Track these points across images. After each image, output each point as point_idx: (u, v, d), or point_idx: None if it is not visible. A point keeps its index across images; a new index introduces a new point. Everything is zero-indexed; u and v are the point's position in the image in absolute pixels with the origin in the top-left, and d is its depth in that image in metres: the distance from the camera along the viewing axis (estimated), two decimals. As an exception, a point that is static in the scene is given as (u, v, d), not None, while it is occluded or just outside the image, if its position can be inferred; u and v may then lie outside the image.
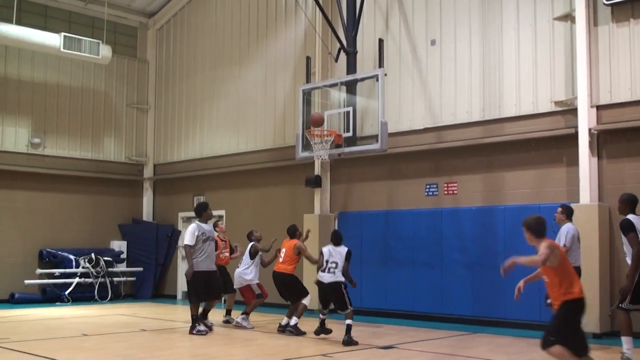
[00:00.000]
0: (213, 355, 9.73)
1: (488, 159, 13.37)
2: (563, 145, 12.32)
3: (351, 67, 13.81)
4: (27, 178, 18.25)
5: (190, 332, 11.24)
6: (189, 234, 11.28)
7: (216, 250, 12.25)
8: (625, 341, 8.27)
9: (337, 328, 10.96)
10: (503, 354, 9.64)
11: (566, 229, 9.94)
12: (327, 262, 10.84)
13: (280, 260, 11.96)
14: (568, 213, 10.21)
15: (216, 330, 11.91)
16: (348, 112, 13.22)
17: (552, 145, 12.48)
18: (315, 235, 15.35)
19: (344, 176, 15.72)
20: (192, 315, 11.37)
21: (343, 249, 10.94)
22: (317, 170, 15.73)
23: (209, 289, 11.42)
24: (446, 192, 13.93)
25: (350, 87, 13.51)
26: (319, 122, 12.77)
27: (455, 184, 13.80)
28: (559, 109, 12.38)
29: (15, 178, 18.05)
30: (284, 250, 12.01)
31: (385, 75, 12.80)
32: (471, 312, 13.09)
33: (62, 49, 17.49)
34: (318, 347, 10.26)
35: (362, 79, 13.33)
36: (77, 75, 19.47)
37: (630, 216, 8.66)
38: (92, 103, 19.78)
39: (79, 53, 17.81)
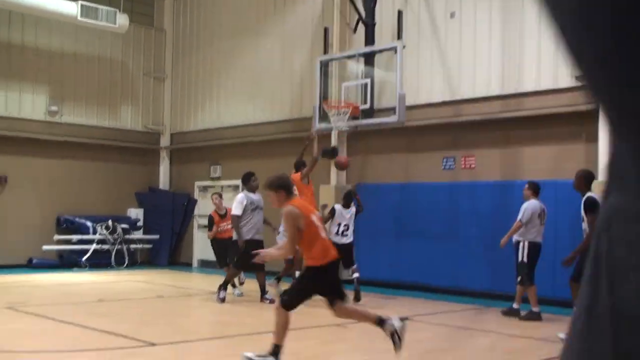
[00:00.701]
0: (227, 322, 9.83)
1: (506, 133, 13.29)
2: (583, 122, 12.19)
3: (369, 39, 13.72)
4: (45, 145, 18.36)
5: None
6: (236, 204, 11.44)
7: (214, 225, 12.37)
8: None
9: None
10: (516, 327, 9.66)
11: (525, 205, 10.38)
12: (339, 225, 11.77)
13: None
14: (534, 189, 10.53)
15: (233, 299, 11.97)
16: (365, 84, 13.15)
17: (571, 121, 12.37)
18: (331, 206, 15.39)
19: (360, 148, 15.69)
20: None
21: (352, 210, 12.02)
22: (333, 142, 15.69)
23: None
24: (463, 166, 13.89)
25: (368, 59, 13.43)
26: (344, 166, 12.80)
27: (473, 158, 13.75)
28: (579, 84, 12.23)
29: (33, 145, 18.16)
30: None
31: (404, 47, 12.69)
32: (485, 286, 13.09)
33: (79, 18, 17.45)
34: (332, 317, 10.31)
35: (380, 51, 13.25)
36: (94, 44, 19.47)
37: (592, 194, 8.73)
38: (109, 72, 19.81)
39: (95, 22, 17.79)
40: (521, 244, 10.47)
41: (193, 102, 20.24)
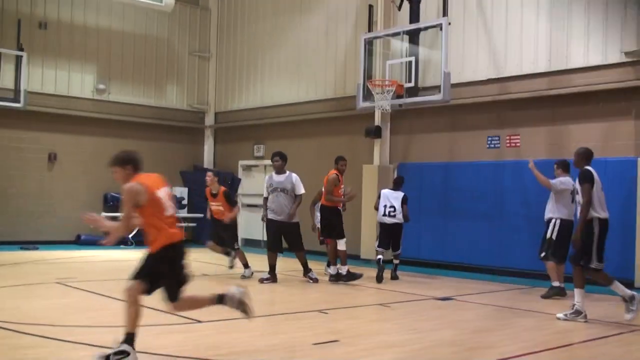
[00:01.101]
0: (270, 300, 9.92)
1: (553, 111, 13.06)
2: (632, 98, 11.94)
3: (414, 16, 13.56)
4: (92, 123, 18.66)
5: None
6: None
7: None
8: (578, 293, 8.31)
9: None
10: (562, 307, 9.54)
11: (556, 180, 10.46)
12: (385, 206, 12.23)
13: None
14: (564, 167, 10.57)
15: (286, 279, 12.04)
16: (410, 62, 13.00)
17: (620, 97, 12.11)
18: (374, 186, 15.37)
19: (404, 127, 15.59)
20: (302, 264, 11.95)
21: (399, 194, 12.32)
22: (377, 121, 15.62)
23: (276, 239, 11.65)
24: (508, 145, 13.70)
25: (413, 37, 13.28)
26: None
27: (518, 137, 13.55)
28: (629, 59, 11.95)
29: (81, 123, 18.49)
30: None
31: (450, 24, 12.51)
32: (531, 265, 12.92)
33: (126, -4, 17.69)
34: (376, 297, 10.35)
35: (426, 28, 13.08)
36: (141, 23, 19.66)
37: (588, 167, 8.61)
38: (155, 51, 20.00)
39: (143, 0, 17.97)
40: (553, 221, 10.43)
41: (237, 81, 20.30)
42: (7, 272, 11.99)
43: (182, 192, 20.16)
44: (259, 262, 12.93)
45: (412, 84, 12.91)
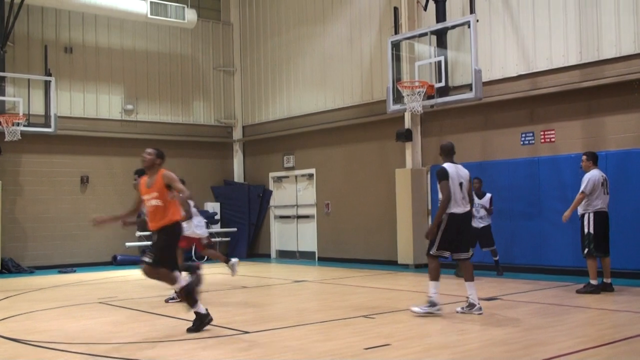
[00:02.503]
0: (313, 309, 9.82)
1: (587, 103, 12.85)
2: (669, 85, 11.71)
3: (440, 15, 13.46)
4: (122, 144, 18.77)
5: None
6: None
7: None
8: (432, 285, 8.50)
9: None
10: (611, 302, 9.35)
11: (588, 176, 10.30)
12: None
13: None
14: (594, 159, 10.52)
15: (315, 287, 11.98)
16: (439, 62, 12.87)
17: (657, 85, 11.89)
18: (408, 190, 15.25)
19: (435, 128, 15.45)
20: None
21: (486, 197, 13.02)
22: (407, 124, 15.50)
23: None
24: (543, 140, 13.50)
25: (440, 37, 13.16)
26: None
27: (553, 132, 13.35)
28: (664, 46, 11.73)
29: (111, 144, 18.60)
30: None
31: (477, 21, 12.37)
32: (572, 262, 12.70)
33: (149, 15, 17.84)
34: (419, 300, 10.20)
35: (453, 27, 12.96)
36: (165, 41, 19.77)
37: (446, 165, 8.76)
38: (180, 68, 20.09)
39: (165, 18, 18.15)
40: (586, 216, 10.34)
41: (263, 93, 20.31)
42: (49, 295, 12.02)
43: (214, 207, 20.17)
44: (291, 272, 12.84)
45: (442, 84, 12.78)
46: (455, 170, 8.70)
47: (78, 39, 18.34)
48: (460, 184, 8.64)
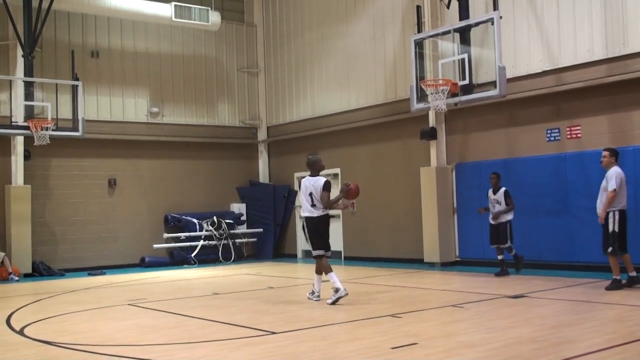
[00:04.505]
0: (340, 308, 9.85)
1: (613, 98, 12.73)
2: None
3: (464, 13, 13.40)
4: (148, 146, 18.97)
5: None
6: None
7: None
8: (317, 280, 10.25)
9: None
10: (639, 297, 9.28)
11: (614, 173, 10.19)
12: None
13: None
14: (616, 156, 10.43)
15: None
16: (462, 60, 12.82)
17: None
18: (433, 188, 15.23)
19: (459, 126, 15.41)
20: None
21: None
22: (431, 122, 15.47)
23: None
24: (569, 136, 13.41)
25: (463, 34, 13.10)
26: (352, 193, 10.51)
27: (579, 127, 13.25)
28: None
29: (137, 147, 18.81)
30: None
31: (501, 17, 12.31)
32: (601, 258, 12.57)
33: (173, 19, 18.02)
34: (446, 299, 10.20)
35: (476, 24, 12.87)
36: (189, 43, 19.94)
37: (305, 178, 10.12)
38: (205, 70, 20.24)
39: (189, 21, 18.34)
40: (611, 214, 10.29)
41: (287, 94, 20.39)
42: (79, 297, 12.20)
43: (240, 208, 20.30)
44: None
45: (466, 82, 12.73)
46: (306, 182, 9.97)
47: (104, 43, 18.56)
48: (310, 194, 9.86)
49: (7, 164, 16.94)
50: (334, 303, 9.63)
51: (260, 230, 20.18)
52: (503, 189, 12.93)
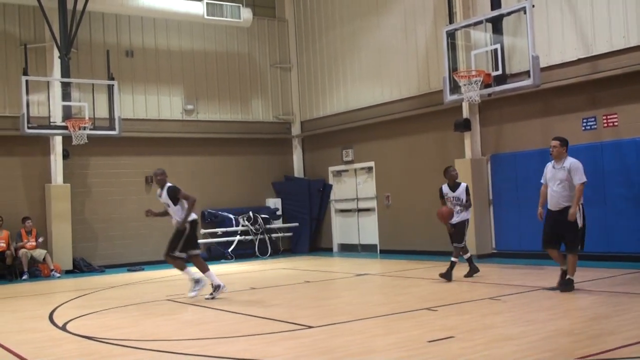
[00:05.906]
0: (377, 302, 9.88)
1: (651, 85, 12.53)
2: None
3: (495, 2, 13.30)
4: (184, 143, 19.17)
5: None
6: None
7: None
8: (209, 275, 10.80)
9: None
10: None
11: (578, 164, 9.72)
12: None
13: None
14: (567, 145, 9.91)
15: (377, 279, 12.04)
16: (495, 50, 12.73)
17: None
18: (468, 180, 15.12)
19: (494, 117, 15.29)
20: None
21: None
22: (465, 114, 15.38)
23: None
24: (605, 125, 13.23)
25: (495, 24, 13.01)
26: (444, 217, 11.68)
27: (616, 115, 13.06)
28: None
29: (173, 144, 19.01)
30: None
31: (533, 6, 12.18)
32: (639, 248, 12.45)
33: (205, 16, 18.19)
34: (484, 291, 10.17)
35: (509, 13, 12.76)
36: (221, 40, 20.07)
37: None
38: (238, 66, 20.36)
39: (221, 18, 18.48)
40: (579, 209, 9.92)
41: (320, 88, 20.42)
42: (119, 293, 12.41)
43: (275, 202, 20.42)
44: (353, 265, 12.89)
45: (499, 72, 12.64)
46: None
47: (138, 43, 18.79)
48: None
49: (46, 164, 17.27)
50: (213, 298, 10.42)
51: (296, 224, 20.27)
52: (463, 184, 12.10)
